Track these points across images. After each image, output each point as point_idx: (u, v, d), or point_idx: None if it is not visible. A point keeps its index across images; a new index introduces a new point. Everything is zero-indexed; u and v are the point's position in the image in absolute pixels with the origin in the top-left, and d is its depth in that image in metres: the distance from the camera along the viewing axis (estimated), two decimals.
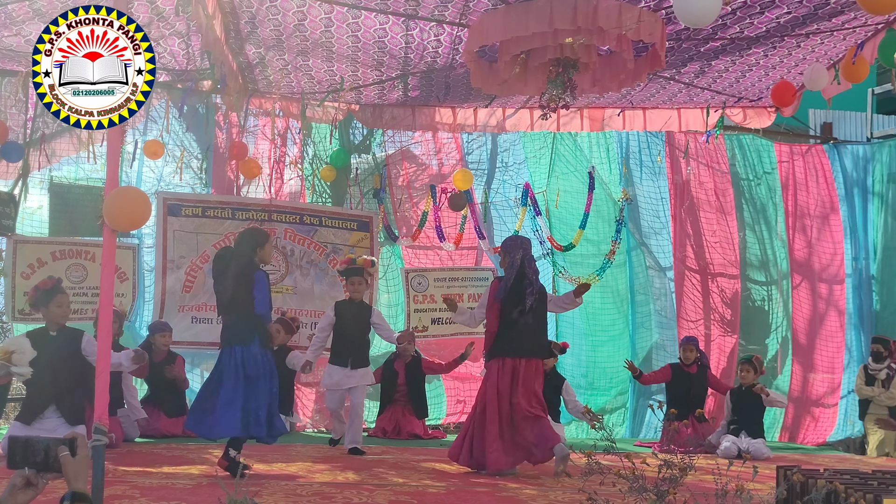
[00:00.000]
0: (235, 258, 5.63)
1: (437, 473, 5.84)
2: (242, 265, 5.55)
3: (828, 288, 10.14)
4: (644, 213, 10.03)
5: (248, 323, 5.49)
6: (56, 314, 6.01)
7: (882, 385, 8.48)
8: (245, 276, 5.50)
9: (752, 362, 7.94)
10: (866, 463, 7.48)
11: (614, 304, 9.89)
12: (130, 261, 8.71)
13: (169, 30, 7.03)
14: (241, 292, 5.49)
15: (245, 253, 5.63)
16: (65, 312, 6.09)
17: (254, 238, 5.71)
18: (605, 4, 5.81)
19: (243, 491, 2.97)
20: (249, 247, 5.64)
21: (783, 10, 6.34)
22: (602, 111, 9.19)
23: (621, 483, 3.37)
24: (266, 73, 8.10)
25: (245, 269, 5.53)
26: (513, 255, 6.07)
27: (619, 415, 9.83)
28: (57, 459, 2.09)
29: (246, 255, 5.62)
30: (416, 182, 9.80)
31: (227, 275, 5.55)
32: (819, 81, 7.09)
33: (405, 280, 9.47)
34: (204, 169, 9.21)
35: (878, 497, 3.11)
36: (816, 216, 10.19)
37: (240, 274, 5.52)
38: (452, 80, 8.11)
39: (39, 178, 8.55)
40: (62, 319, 6.07)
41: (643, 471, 3.39)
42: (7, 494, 2.05)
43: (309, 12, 6.61)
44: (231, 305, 5.54)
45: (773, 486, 4.29)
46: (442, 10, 6.46)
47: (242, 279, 5.51)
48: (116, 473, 5.22)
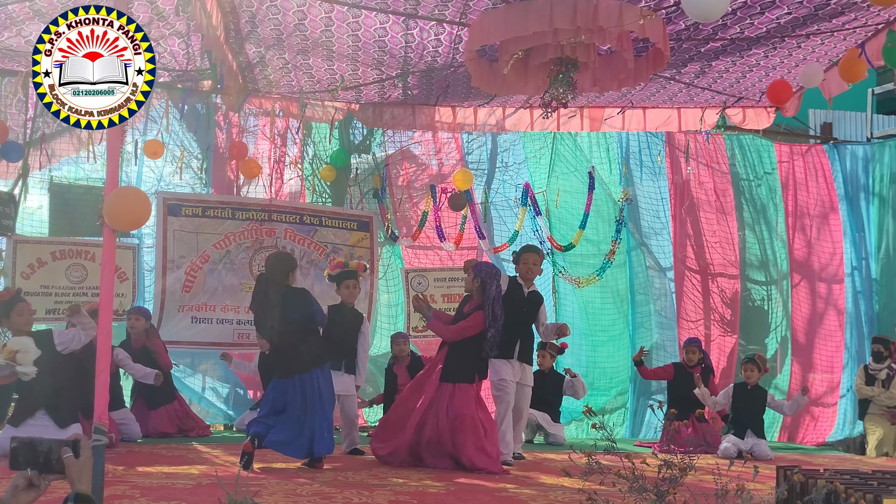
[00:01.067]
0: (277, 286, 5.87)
1: (437, 473, 5.84)
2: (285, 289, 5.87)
3: (827, 287, 10.15)
4: (644, 213, 10.04)
5: (317, 345, 5.99)
6: (18, 322, 6.11)
7: (882, 385, 8.49)
8: (301, 298, 5.90)
9: (755, 361, 7.92)
10: (866, 463, 7.48)
11: (614, 304, 9.90)
12: (130, 261, 8.71)
13: (169, 30, 7.03)
14: (303, 314, 5.86)
15: (282, 280, 5.90)
16: (27, 319, 6.19)
17: (288, 263, 6.05)
18: (606, 4, 5.81)
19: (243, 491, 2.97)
20: (284, 273, 5.94)
21: (783, 10, 6.34)
22: (602, 111, 9.19)
23: (621, 483, 3.37)
24: (266, 72, 8.10)
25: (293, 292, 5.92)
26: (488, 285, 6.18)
27: (619, 415, 9.83)
28: (60, 461, 2.09)
29: (283, 281, 5.91)
30: (416, 182, 9.80)
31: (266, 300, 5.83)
32: (813, 78, 7.10)
33: (405, 280, 9.47)
34: (204, 169, 9.21)
35: (878, 497, 3.11)
36: (816, 216, 10.20)
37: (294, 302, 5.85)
38: (452, 79, 8.12)
39: (39, 178, 8.55)
40: (26, 326, 6.16)
41: (643, 471, 3.39)
42: (9, 495, 2.05)
43: (309, 11, 6.61)
44: (300, 330, 5.86)
45: (773, 487, 4.29)
46: (442, 9, 6.46)
47: (300, 303, 5.87)
48: (116, 473, 5.22)
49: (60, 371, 5.96)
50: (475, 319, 6.14)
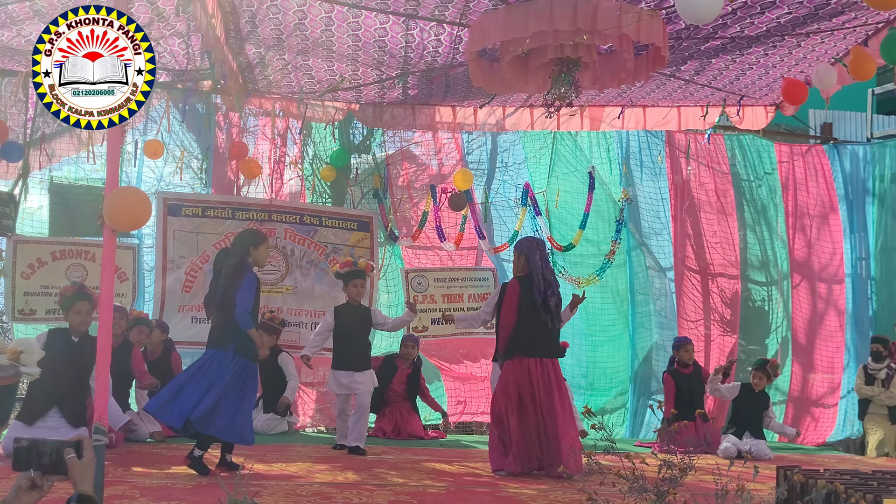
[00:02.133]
0: (229, 257, 5.59)
1: (437, 473, 5.84)
2: (234, 265, 5.49)
3: (827, 288, 10.15)
4: (644, 213, 10.04)
5: (228, 328, 5.44)
6: (73, 321, 6.12)
7: (882, 385, 8.49)
8: (232, 276, 5.44)
9: (765, 369, 7.92)
10: (866, 463, 7.49)
11: (614, 304, 9.89)
12: (130, 261, 8.70)
13: (169, 30, 7.03)
14: (227, 294, 5.42)
15: (238, 252, 5.56)
16: (83, 319, 6.15)
17: (249, 238, 5.66)
18: (606, 4, 5.81)
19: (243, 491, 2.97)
20: (244, 247, 5.58)
21: (783, 10, 6.34)
22: (602, 110, 9.19)
23: (621, 483, 3.37)
24: (266, 72, 8.10)
25: (236, 268, 5.47)
26: (531, 257, 6.12)
27: (619, 415, 9.83)
28: (63, 461, 2.09)
29: (238, 255, 5.54)
30: (416, 182, 9.80)
31: (219, 274, 5.54)
32: (828, 80, 7.06)
33: (405, 280, 9.47)
34: (204, 169, 9.21)
35: (878, 497, 3.11)
36: (816, 216, 10.19)
37: (228, 274, 5.45)
38: (452, 79, 8.12)
39: (39, 178, 8.55)
40: (81, 326, 6.14)
41: (643, 471, 3.39)
42: (12, 496, 2.05)
43: (309, 12, 6.61)
44: (218, 306, 5.51)
45: (773, 487, 4.29)
46: (442, 9, 6.46)
47: (229, 280, 5.43)
48: (116, 473, 5.22)
49: (72, 373, 5.99)
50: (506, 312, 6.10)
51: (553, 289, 6.08)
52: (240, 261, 5.52)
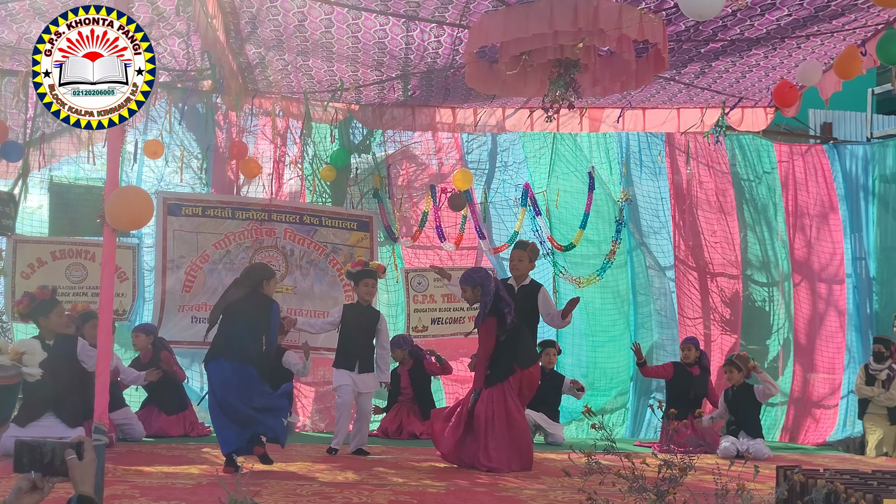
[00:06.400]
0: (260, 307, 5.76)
1: (437, 473, 5.84)
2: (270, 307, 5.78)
3: (827, 288, 10.14)
4: (644, 213, 10.03)
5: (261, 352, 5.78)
6: (58, 323, 6.16)
7: (882, 385, 8.48)
8: (274, 328, 5.80)
9: (733, 362, 7.91)
10: (866, 463, 7.48)
11: (614, 304, 9.89)
12: (130, 260, 8.71)
13: (169, 30, 7.03)
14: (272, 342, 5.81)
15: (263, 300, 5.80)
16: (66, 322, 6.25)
17: (262, 272, 5.93)
18: (606, 5, 5.81)
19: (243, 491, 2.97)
20: (257, 280, 5.82)
21: (784, 12, 6.34)
22: (601, 111, 9.19)
23: (621, 483, 3.37)
24: (266, 73, 8.10)
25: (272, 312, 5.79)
26: (486, 286, 6.19)
27: (619, 415, 9.83)
28: (64, 463, 2.09)
29: (265, 302, 5.80)
30: (416, 182, 9.80)
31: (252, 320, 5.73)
32: (812, 76, 7.11)
33: (405, 280, 9.47)
34: (204, 169, 9.20)
35: (878, 497, 3.11)
36: (816, 216, 10.19)
37: (273, 329, 5.77)
38: (452, 80, 8.11)
39: (39, 178, 8.55)
40: (65, 329, 6.19)
41: (643, 471, 3.39)
42: (13, 498, 2.05)
43: (309, 13, 6.61)
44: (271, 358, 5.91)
45: (773, 487, 4.29)
46: (442, 11, 6.46)
47: (275, 332, 5.82)
48: (116, 473, 5.22)
49: (65, 374, 6.02)
50: (486, 328, 6.17)
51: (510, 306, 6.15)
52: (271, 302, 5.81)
